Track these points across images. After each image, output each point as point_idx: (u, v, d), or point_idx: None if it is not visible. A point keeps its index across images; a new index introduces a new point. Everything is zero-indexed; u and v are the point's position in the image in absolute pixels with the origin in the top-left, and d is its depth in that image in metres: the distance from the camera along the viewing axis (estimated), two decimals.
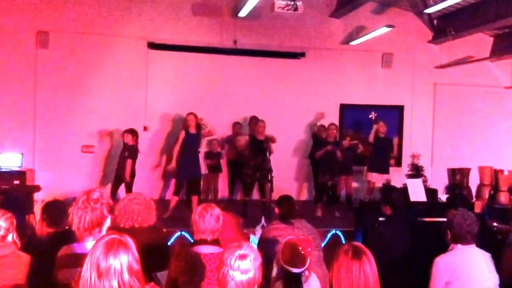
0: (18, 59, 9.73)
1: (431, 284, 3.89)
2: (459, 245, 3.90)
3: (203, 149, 9.87)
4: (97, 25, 9.98)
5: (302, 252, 3.30)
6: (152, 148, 10.34)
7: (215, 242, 3.45)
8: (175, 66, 10.49)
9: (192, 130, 8.65)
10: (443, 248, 4.03)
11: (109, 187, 9.39)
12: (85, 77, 10.01)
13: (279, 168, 9.44)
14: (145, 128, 10.26)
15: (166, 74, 10.42)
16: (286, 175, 10.57)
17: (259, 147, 8.67)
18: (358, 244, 2.79)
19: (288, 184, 10.16)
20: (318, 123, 10.50)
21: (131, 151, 8.80)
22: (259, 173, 8.65)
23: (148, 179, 10.11)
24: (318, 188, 9.57)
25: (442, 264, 3.85)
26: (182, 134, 8.67)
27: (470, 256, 3.87)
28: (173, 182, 9.18)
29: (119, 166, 8.83)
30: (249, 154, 8.89)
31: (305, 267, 3.33)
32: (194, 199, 8.59)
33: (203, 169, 9.49)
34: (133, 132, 8.86)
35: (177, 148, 8.63)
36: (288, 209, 4.81)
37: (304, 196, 11.09)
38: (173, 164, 8.65)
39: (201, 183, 9.61)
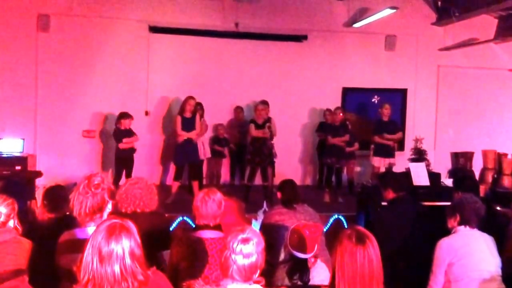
0: (18, 42, 9.66)
1: (434, 266, 3.93)
2: (462, 228, 3.94)
3: (208, 133, 9.83)
4: (98, 8, 9.89)
5: (310, 238, 3.28)
6: (153, 132, 10.31)
7: (217, 227, 3.44)
8: (177, 50, 10.42)
9: (188, 115, 8.59)
10: (446, 232, 4.06)
11: (110, 172, 9.40)
12: (86, 61, 9.95)
13: (282, 153, 9.42)
14: (146, 113, 10.22)
15: (167, 57, 10.35)
16: (290, 159, 10.54)
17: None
18: (361, 228, 2.76)
19: (292, 169, 10.14)
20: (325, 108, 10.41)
21: (131, 134, 8.88)
22: (259, 158, 8.61)
23: (148, 164, 10.09)
24: (323, 173, 9.56)
25: (445, 246, 3.90)
26: (179, 119, 8.59)
27: (472, 238, 3.93)
28: (173, 167, 9.15)
29: (129, 153, 8.78)
30: (250, 139, 8.86)
31: (312, 253, 3.32)
32: (195, 184, 8.57)
33: (207, 154, 9.45)
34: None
35: (180, 133, 8.55)
36: (291, 194, 4.79)
37: (309, 181, 11.07)
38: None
39: (204, 168, 9.61)
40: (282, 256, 3.52)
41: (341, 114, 9.24)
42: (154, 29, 10.13)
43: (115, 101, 9.83)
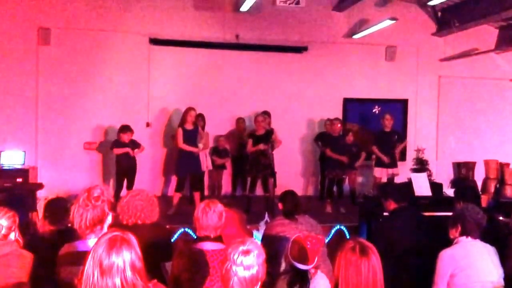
0: (19, 55, 9.70)
1: (436, 277, 3.90)
2: (464, 239, 3.92)
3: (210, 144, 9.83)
4: (99, 21, 9.94)
5: (311, 250, 3.26)
6: (155, 144, 10.32)
7: (218, 238, 3.43)
8: (177, 62, 10.45)
9: (189, 126, 8.58)
10: (448, 242, 4.04)
11: (111, 184, 9.38)
12: (87, 74, 9.98)
13: (283, 164, 9.41)
14: (148, 124, 10.24)
15: (168, 69, 10.39)
16: (291, 170, 10.53)
17: (258, 142, 8.64)
18: (363, 240, 2.77)
19: (293, 180, 10.11)
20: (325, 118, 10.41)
21: (135, 144, 8.90)
22: (256, 168, 8.60)
23: (150, 175, 10.08)
24: (324, 184, 9.53)
25: (447, 257, 3.87)
26: (180, 131, 8.55)
27: (474, 249, 3.91)
28: (174, 178, 9.13)
29: (130, 162, 8.78)
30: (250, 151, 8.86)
31: (313, 265, 3.30)
32: (196, 195, 8.54)
33: (208, 165, 9.43)
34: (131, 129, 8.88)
35: (182, 146, 8.51)
36: (292, 205, 4.77)
37: (310, 191, 11.05)
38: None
39: (205, 179, 9.59)
40: (283, 266, 3.50)
41: (339, 125, 9.17)
42: (155, 41, 10.18)
43: (116, 113, 9.85)
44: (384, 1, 10.88)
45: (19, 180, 8.17)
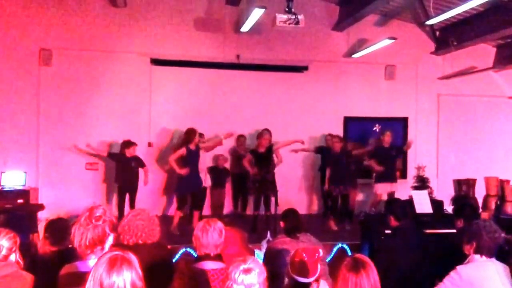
0: (21, 76, 9.77)
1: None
2: (479, 258, 3.76)
3: (209, 163, 9.82)
4: (99, 42, 10.02)
5: (310, 261, 3.25)
6: (156, 163, 10.32)
7: (218, 257, 3.42)
8: (179, 82, 10.51)
9: (193, 146, 8.63)
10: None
11: (114, 204, 9.37)
12: (88, 94, 10.04)
13: (285, 182, 9.39)
14: (149, 144, 10.25)
15: (169, 89, 10.44)
16: (293, 188, 10.52)
17: (260, 160, 8.67)
18: (360, 256, 2.78)
19: (295, 197, 10.09)
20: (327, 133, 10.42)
21: (138, 161, 9.02)
22: (259, 185, 8.61)
23: (151, 195, 10.07)
24: (327, 200, 9.50)
25: (464, 275, 3.68)
26: (183, 150, 8.62)
27: (490, 269, 3.73)
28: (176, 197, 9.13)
29: (130, 176, 8.87)
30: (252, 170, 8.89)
31: (314, 277, 3.28)
32: (195, 214, 8.56)
33: (207, 183, 9.43)
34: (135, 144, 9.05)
35: (172, 158, 8.62)
36: (294, 223, 4.77)
37: (312, 209, 11.01)
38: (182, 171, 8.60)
39: (206, 198, 9.58)
40: (286, 282, 3.48)
41: (338, 144, 9.17)
42: (156, 62, 10.24)
43: (118, 134, 9.88)
44: (383, 20, 10.99)
45: (20, 201, 8.18)
